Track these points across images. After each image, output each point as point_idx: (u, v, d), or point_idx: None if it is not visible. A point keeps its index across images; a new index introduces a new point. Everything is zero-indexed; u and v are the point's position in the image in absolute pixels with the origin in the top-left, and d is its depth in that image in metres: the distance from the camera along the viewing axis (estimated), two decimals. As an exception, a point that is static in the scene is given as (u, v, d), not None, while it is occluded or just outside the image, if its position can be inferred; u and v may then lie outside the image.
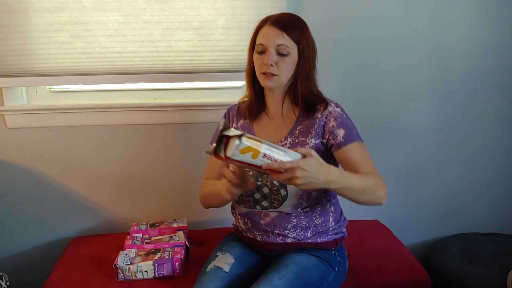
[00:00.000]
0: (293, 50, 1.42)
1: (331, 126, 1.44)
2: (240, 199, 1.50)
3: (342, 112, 1.47)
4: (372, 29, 2.00)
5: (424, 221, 2.22)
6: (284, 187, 1.44)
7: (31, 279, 2.02)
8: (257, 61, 1.45)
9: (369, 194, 1.35)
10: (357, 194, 1.33)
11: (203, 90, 2.08)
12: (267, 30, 1.43)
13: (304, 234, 1.49)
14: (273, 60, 1.40)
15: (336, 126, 1.43)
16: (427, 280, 1.66)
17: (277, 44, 1.40)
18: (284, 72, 1.42)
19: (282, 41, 1.40)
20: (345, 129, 1.44)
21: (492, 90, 2.12)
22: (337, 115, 1.45)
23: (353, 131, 1.45)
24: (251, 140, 1.15)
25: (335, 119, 1.44)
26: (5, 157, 1.98)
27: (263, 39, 1.43)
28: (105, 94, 2.04)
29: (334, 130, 1.43)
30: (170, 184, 2.07)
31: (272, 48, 1.41)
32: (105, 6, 1.84)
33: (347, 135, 1.43)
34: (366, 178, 1.36)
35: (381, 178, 1.40)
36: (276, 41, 1.40)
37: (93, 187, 2.05)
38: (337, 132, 1.43)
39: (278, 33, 1.40)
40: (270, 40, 1.41)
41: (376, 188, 1.37)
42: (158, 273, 1.63)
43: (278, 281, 1.36)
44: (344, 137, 1.43)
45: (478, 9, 2.03)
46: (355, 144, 1.43)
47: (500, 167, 2.21)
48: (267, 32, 1.42)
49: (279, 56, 1.41)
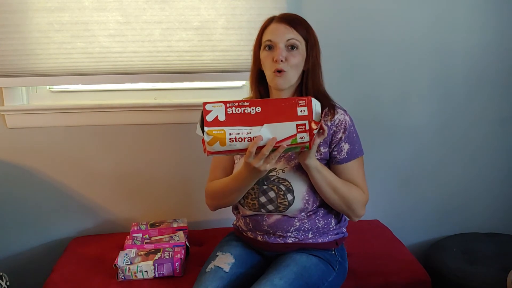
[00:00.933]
0: (302, 45, 1.41)
1: (339, 138, 1.44)
2: (245, 202, 1.49)
3: (351, 122, 1.47)
4: (372, 29, 2.00)
5: (424, 221, 2.22)
6: (291, 192, 1.43)
7: (31, 279, 2.02)
8: (267, 58, 1.42)
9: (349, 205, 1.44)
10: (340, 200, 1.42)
11: (203, 90, 2.08)
12: (276, 26, 1.42)
13: (305, 235, 1.49)
14: (283, 56, 1.39)
15: (344, 140, 1.44)
16: (427, 280, 1.66)
17: (287, 39, 1.40)
18: (293, 66, 1.40)
19: (291, 35, 1.40)
20: (350, 144, 1.45)
21: (492, 90, 2.12)
22: (346, 125, 1.45)
23: (356, 146, 1.46)
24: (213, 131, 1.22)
25: (344, 131, 1.45)
26: (5, 157, 1.98)
27: (271, 35, 1.41)
28: (105, 94, 2.04)
29: (340, 143, 1.44)
30: (170, 184, 2.07)
31: (282, 44, 1.40)
32: (105, 6, 1.84)
33: (351, 151, 1.45)
34: (352, 188, 1.44)
35: (366, 197, 1.48)
36: (286, 36, 1.40)
37: (93, 187, 2.05)
38: (343, 146, 1.44)
39: (287, 28, 1.40)
40: (279, 36, 1.40)
41: (357, 203, 1.45)
42: (158, 273, 1.63)
43: (279, 281, 1.36)
44: (347, 153, 1.45)
45: (478, 10, 2.03)
46: (355, 162, 1.46)
47: (500, 167, 2.21)
48: (276, 29, 1.42)
49: (288, 51, 1.40)
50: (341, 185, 1.41)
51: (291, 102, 1.23)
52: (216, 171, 1.57)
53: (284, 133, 1.23)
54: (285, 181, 1.43)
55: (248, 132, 1.22)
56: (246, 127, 1.22)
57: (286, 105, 1.23)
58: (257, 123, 1.23)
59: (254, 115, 1.23)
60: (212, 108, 1.23)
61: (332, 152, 1.45)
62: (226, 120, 1.23)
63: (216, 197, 1.53)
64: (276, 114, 1.23)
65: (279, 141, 1.23)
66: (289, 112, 1.23)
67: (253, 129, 1.22)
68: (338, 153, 1.44)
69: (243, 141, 1.23)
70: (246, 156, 1.24)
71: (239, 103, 1.24)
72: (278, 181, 1.43)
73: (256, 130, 1.22)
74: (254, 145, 1.22)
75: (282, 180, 1.43)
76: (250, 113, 1.23)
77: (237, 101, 1.24)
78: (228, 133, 1.22)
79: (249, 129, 1.22)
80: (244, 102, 1.24)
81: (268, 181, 1.44)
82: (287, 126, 1.23)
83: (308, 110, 1.23)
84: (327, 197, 1.42)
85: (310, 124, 1.23)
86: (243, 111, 1.23)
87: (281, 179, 1.43)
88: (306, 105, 1.23)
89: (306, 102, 1.23)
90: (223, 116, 1.23)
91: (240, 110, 1.23)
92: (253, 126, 1.23)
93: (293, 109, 1.23)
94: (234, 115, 1.23)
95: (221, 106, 1.23)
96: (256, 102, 1.24)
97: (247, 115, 1.23)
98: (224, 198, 1.51)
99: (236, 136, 1.23)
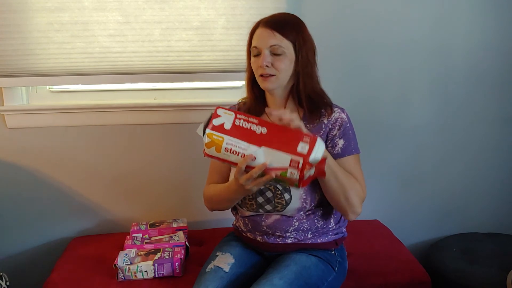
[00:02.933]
0: (288, 49, 1.40)
1: (334, 134, 1.44)
2: (243, 202, 1.49)
3: (348, 120, 1.47)
4: (372, 29, 1.99)
5: (424, 221, 2.22)
6: (288, 191, 1.43)
7: (31, 279, 2.02)
8: (254, 64, 1.43)
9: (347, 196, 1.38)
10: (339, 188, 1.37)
11: (203, 90, 2.08)
12: (260, 32, 1.42)
13: (304, 235, 1.49)
14: (268, 61, 1.39)
15: (338, 135, 1.44)
16: (427, 280, 1.66)
17: (270, 44, 1.39)
18: (281, 71, 1.40)
19: (274, 41, 1.39)
20: (345, 140, 1.44)
21: (492, 90, 2.12)
22: (342, 122, 1.45)
23: (351, 143, 1.46)
24: (213, 135, 1.23)
25: (339, 127, 1.44)
26: (5, 157, 1.98)
27: (256, 41, 1.42)
28: (105, 94, 2.04)
29: (335, 138, 1.44)
30: (170, 184, 2.07)
31: (266, 49, 1.39)
32: (105, 6, 1.84)
33: (346, 146, 1.44)
34: (352, 180, 1.41)
35: (364, 194, 1.45)
36: (269, 41, 1.39)
37: (93, 187, 2.05)
38: (337, 141, 1.44)
39: (270, 34, 1.39)
40: (262, 42, 1.40)
41: (355, 196, 1.40)
42: (158, 273, 1.64)
43: (279, 281, 1.36)
44: (342, 148, 1.44)
45: (478, 10, 2.03)
46: (350, 158, 1.45)
47: (500, 167, 2.21)
48: (260, 34, 1.41)
49: (274, 56, 1.40)
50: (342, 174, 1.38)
51: (297, 135, 1.21)
52: (213, 174, 1.58)
53: (277, 162, 1.20)
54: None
55: (244, 148, 1.22)
56: (244, 143, 1.22)
57: (291, 136, 1.21)
58: (257, 143, 1.22)
59: (258, 134, 1.23)
60: (222, 113, 1.24)
61: (327, 148, 1.44)
62: (230, 130, 1.23)
63: (210, 201, 1.56)
64: (278, 140, 1.22)
65: (269, 168, 1.21)
66: (291, 144, 1.20)
67: (250, 147, 1.22)
68: (332, 148, 1.44)
69: (237, 155, 1.22)
70: (236, 171, 1.25)
71: (249, 118, 1.24)
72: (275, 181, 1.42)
73: (252, 149, 1.22)
74: (244, 162, 1.22)
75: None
76: (255, 131, 1.23)
77: (248, 116, 1.24)
78: (225, 142, 1.23)
79: (247, 146, 1.22)
80: (253, 119, 1.24)
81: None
82: (282, 156, 1.20)
83: (308, 149, 1.19)
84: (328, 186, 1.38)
85: (304, 164, 1.18)
86: (249, 127, 1.23)
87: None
88: (309, 143, 1.20)
89: (310, 140, 1.20)
90: (229, 125, 1.24)
91: (247, 125, 1.23)
92: (252, 144, 1.22)
93: (296, 142, 1.20)
94: (239, 128, 1.23)
95: (231, 115, 1.24)
96: (264, 123, 1.23)
97: (250, 132, 1.23)
98: (217, 204, 1.53)
99: (232, 147, 1.23)
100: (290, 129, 1.23)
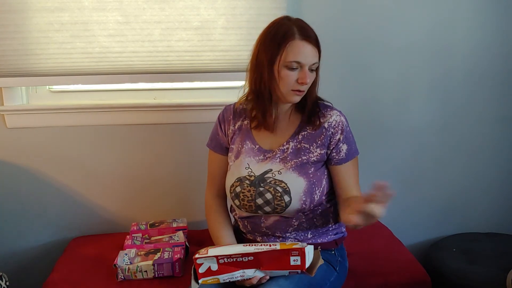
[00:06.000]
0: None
1: (337, 139, 1.43)
2: (242, 204, 1.47)
3: (347, 123, 1.46)
4: (372, 29, 1.99)
5: (424, 221, 2.22)
6: (288, 193, 1.42)
7: (31, 279, 2.02)
8: (289, 77, 1.35)
9: None
10: None
11: (203, 90, 2.08)
12: (303, 47, 1.34)
13: (304, 235, 1.49)
14: (311, 79, 1.38)
15: (342, 140, 1.44)
16: (427, 280, 1.66)
17: (313, 62, 1.36)
18: (308, 85, 1.39)
19: (316, 59, 1.37)
20: (348, 145, 1.44)
21: (492, 90, 2.12)
22: (343, 126, 1.44)
23: (352, 147, 1.46)
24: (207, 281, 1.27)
25: (342, 132, 1.44)
26: (5, 157, 1.98)
27: (300, 57, 1.33)
28: (105, 94, 2.04)
29: (339, 144, 1.43)
30: (170, 184, 2.07)
31: (307, 66, 1.35)
32: (105, 6, 1.84)
33: (349, 151, 1.44)
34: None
35: None
36: (313, 60, 1.36)
37: (93, 187, 2.05)
38: (341, 147, 1.44)
39: (314, 51, 1.35)
40: (308, 59, 1.34)
41: None
42: (158, 273, 1.64)
43: (284, 281, 1.35)
44: (346, 154, 1.44)
45: (479, 10, 2.03)
46: (352, 161, 1.46)
47: (500, 167, 2.21)
48: (304, 50, 1.34)
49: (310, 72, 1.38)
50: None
51: (284, 252, 1.25)
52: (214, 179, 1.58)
53: (277, 274, 1.30)
54: (281, 183, 1.42)
55: (242, 275, 1.27)
56: (239, 271, 1.26)
57: (280, 255, 1.26)
58: (251, 267, 1.26)
59: (246, 262, 1.26)
60: (203, 260, 1.26)
61: (330, 153, 1.44)
62: (219, 269, 1.27)
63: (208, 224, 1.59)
64: (269, 261, 1.26)
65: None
66: (283, 261, 1.25)
67: (246, 272, 1.27)
68: (337, 153, 1.44)
69: (236, 279, 1.28)
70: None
71: (231, 255, 1.26)
72: (275, 183, 1.42)
73: (249, 272, 1.27)
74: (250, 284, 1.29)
75: (278, 182, 1.42)
76: (243, 261, 1.26)
77: (229, 255, 1.26)
78: (222, 280, 1.27)
79: (242, 272, 1.27)
80: (236, 254, 1.26)
81: (264, 183, 1.43)
82: (280, 272, 1.29)
83: (301, 260, 1.24)
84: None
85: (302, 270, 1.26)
86: (235, 260, 1.26)
87: (277, 181, 1.42)
88: (299, 255, 1.24)
89: (300, 253, 1.24)
90: (216, 266, 1.26)
91: (232, 259, 1.26)
92: (246, 269, 1.26)
93: (286, 258, 1.25)
94: (227, 264, 1.26)
95: (212, 259, 1.26)
96: (247, 254, 1.26)
97: (238, 263, 1.26)
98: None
99: (230, 279, 1.28)
100: (275, 251, 1.26)
